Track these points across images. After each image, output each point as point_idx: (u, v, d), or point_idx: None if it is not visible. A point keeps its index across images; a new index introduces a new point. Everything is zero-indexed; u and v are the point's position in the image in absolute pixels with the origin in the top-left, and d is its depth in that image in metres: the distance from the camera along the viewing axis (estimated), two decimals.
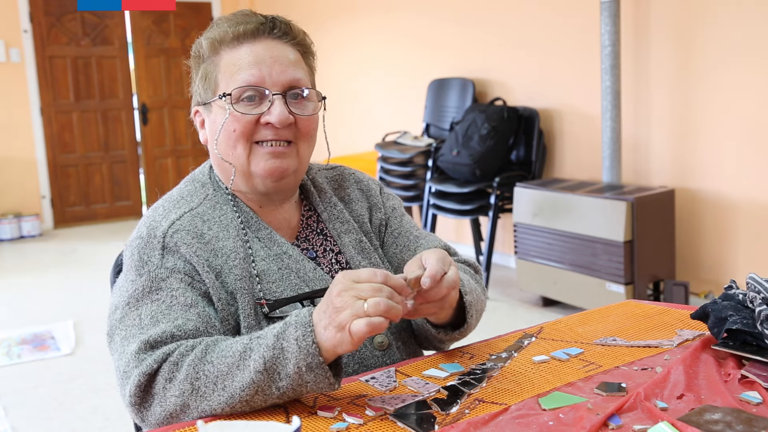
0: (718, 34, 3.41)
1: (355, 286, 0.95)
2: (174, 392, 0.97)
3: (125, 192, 7.16)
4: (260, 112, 1.14)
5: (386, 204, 1.36)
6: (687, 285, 3.39)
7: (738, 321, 1.06)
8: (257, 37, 1.16)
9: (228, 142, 1.16)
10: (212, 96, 1.18)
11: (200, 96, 1.21)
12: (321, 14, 6.32)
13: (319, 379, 0.94)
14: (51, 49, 6.64)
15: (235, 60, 1.15)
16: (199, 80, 1.20)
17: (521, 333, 1.26)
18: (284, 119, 1.14)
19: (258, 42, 1.16)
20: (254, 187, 1.19)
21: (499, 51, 4.70)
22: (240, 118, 1.14)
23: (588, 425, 0.87)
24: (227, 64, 1.16)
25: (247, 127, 1.15)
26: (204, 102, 1.20)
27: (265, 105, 1.15)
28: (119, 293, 1.11)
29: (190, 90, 1.24)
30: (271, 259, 1.17)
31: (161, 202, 1.20)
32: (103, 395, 2.99)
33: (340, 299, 0.94)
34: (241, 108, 1.14)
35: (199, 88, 1.20)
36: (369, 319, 0.92)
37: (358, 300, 0.94)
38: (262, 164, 1.16)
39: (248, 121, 1.14)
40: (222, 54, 1.17)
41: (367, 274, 0.96)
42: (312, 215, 1.28)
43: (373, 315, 0.92)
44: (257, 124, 1.15)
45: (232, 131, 1.15)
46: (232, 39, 1.16)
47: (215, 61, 1.17)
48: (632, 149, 3.89)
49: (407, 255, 1.31)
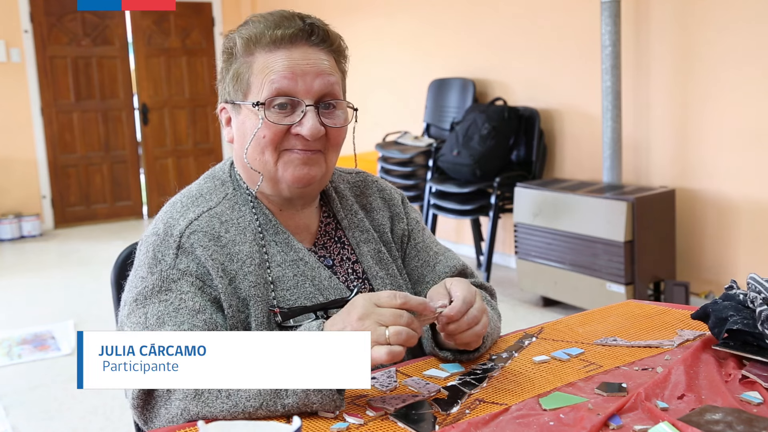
0: (719, 34, 3.41)
1: (376, 310, 0.96)
2: (178, 395, 0.97)
3: (126, 192, 7.15)
4: (292, 122, 1.13)
5: (410, 216, 1.35)
6: (687, 285, 3.39)
7: (738, 321, 1.06)
8: (295, 42, 1.13)
9: (256, 147, 1.14)
10: (243, 98, 1.15)
11: (229, 95, 1.18)
12: (321, 15, 6.31)
13: (325, 400, 0.94)
14: (51, 49, 6.64)
15: (270, 64, 1.12)
16: (229, 78, 1.17)
17: (522, 333, 1.26)
18: (316, 133, 1.12)
19: (295, 48, 1.13)
20: (279, 191, 1.18)
21: (499, 51, 4.70)
22: (271, 126, 1.12)
23: (588, 425, 0.87)
24: (261, 68, 1.13)
25: (278, 135, 1.13)
26: (233, 101, 1.17)
27: (297, 115, 1.13)
28: (129, 288, 1.10)
29: (216, 84, 1.22)
30: (287, 265, 1.15)
31: (179, 197, 1.19)
32: (103, 395, 2.99)
33: (362, 323, 0.95)
34: (272, 116, 1.12)
35: (229, 86, 1.17)
36: (390, 348, 0.93)
37: (380, 326, 0.94)
38: (291, 170, 1.14)
39: (279, 130, 1.13)
40: (256, 55, 1.14)
41: (387, 297, 0.97)
42: (331, 222, 1.27)
43: (394, 344, 0.93)
44: (287, 132, 1.13)
45: (261, 137, 1.13)
46: (269, 42, 1.12)
47: (249, 62, 1.14)
48: (633, 149, 3.88)
49: (426, 270, 1.31)
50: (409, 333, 0.95)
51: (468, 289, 1.06)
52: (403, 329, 0.94)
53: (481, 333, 1.06)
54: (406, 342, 0.94)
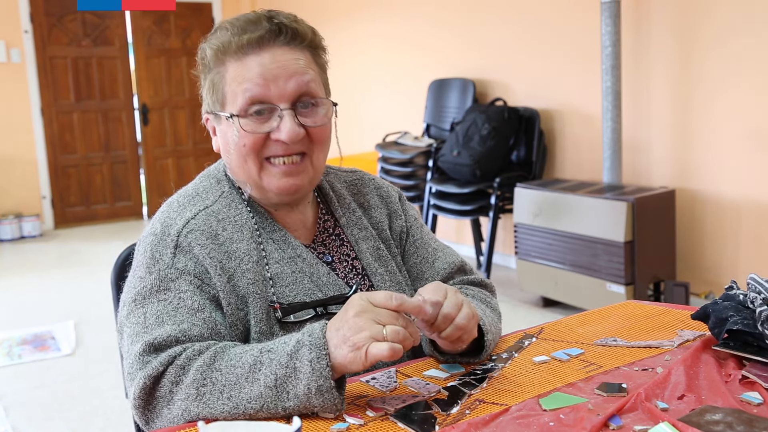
0: (719, 34, 3.41)
1: (373, 309, 0.95)
2: (180, 396, 0.97)
3: (126, 192, 7.16)
4: (270, 128, 1.12)
5: (408, 212, 1.35)
6: (687, 285, 3.39)
7: (739, 321, 1.06)
8: (263, 45, 1.11)
9: (239, 156, 1.14)
10: (221, 108, 1.15)
11: (209, 105, 1.18)
12: (321, 15, 6.32)
13: (327, 403, 0.94)
14: (51, 49, 6.65)
15: (241, 73, 1.11)
16: (207, 89, 1.17)
17: (522, 333, 1.26)
18: (294, 136, 1.11)
19: (264, 51, 1.11)
20: (268, 198, 1.18)
21: (499, 51, 4.70)
22: (249, 135, 1.11)
23: (589, 426, 0.87)
24: (233, 77, 1.12)
25: (257, 143, 1.12)
26: (213, 112, 1.17)
27: (274, 120, 1.12)
28: (128, 289, 1.10)
29: (200, 94, 1.21)
30: (285, 261, 1.15)
31: (176, 197, 1.19)
32: (103, 395, 2.99)
33: (359, 320, 0.94)
34: (249, 125, 1.11)
35: (208, 97, 1.17)
36: (391, 345, 0.92)
37: (377, 324, 0.94)
38: (275, 182, 1.14)
39: (258, 137, 1.12)
40: (227, 65, 1.12)
41: (383, 297, 0.96)
42: (329, 219, 1.27)
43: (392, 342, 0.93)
44: (267, 139, 1.12)
45: (242, 146, 1.12)
46: (237, 50, 1.11)
47: (221, 72, 1.13)
48: (633, 150, 3.88)
49: (425, 267, 1.30)
50: (406, 334, 0.95)
51: (436, 289, 1.05)
52: (401, 329, 0.94)
53: (463, 325, 1.03)
54: (403, 342, 0.94)
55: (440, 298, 1.03)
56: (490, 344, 1.14)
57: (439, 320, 1.03)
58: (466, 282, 1.32)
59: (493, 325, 1.17)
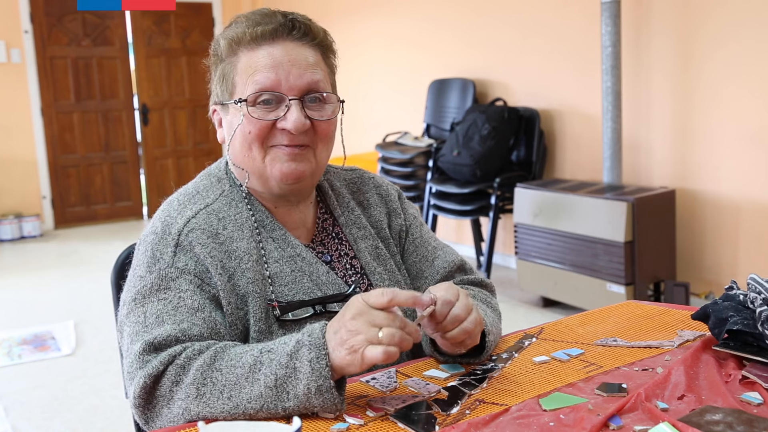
0: (719, 34, 3.41)
1: (370, 311, 0.95)
2: (180, 395, 0.97)
3: (126, 192, 7.16)
4: (276, 117, 1.13)
5: (407, 211, 1.35)
6: (688, 286, 3.39)
7: (739, 322, 1.06)
8: (276, 38, 1.13)
9: (243, 144, 1.14)
10: (229, 98, 1.16)
11: (218, 96, 1.19)
12: (321, 15, 6.32)
13: (327, 403, 0.94)
14: (52, 49, 6.64)
15: (253, 62, 1.13)
16: (216, 80, 1.18)
17: (522, 333, 1.26)
18: (300, 126, 1.12)
19: (277, 44, 1.13)
20: (270, 188, 1.18)
21: (499, 51, 4.70)
22: (256, 122, 1.12)
23: (589, 426, 0.87)
24: (245, 66, 1.14)
25: (263, 131, 1.13)
26: (221, 102, 1.18)
27: (281, 110, 1.13)
28: (128, 288, 1.10)
29: (209, 87, 1.23)
30: (284, 260, 1.15)
31: (176, 196, 1.19)
32: (103, 395, 2.99)
33: (355, 323, 0.94)
34: (257, 112, 1.12)
35: (217, 88, 1.19)
36: (386, 348, 0.92)
37: (373, 327, 0.94)
38: (278, 167, 1.14)
39: (264, 125, 1.13)
40: (240, 55, 1.14)
41: (376, 296, 0.96)
42: (328, 218, 1.27)
43: (388, 345, 0.93)
44: (273, 128, 1.13)
45: (247, 133, 1.13)
46: (250, 40, 1.13)
47: (233, 62, 1.15)
48: (633, 150, 3.88)
49: (425, 265, 1.31)
50: (402, 335, 0.94)
51: (448, 289, 1.05)
52: (397, 331, 0.94)
53: (470, 329, 1.04)
54: (399, 344, 0.94)
55: (452, 298, 1.04)
56: (491, 345, 1.14)
57: (447, 320, 1.03)
58: (466, 281, 1.32)
59: (493, 326, 1.17)
